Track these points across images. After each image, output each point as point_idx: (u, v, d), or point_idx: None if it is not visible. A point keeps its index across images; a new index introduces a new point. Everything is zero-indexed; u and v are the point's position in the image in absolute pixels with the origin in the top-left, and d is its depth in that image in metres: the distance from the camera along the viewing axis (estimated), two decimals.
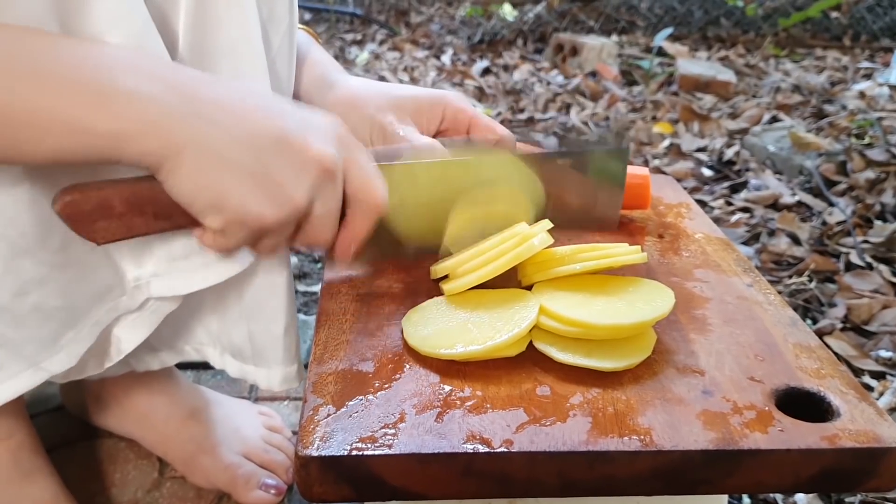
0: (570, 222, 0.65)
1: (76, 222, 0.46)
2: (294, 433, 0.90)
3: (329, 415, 0.44)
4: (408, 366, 0.49)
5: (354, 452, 0.41)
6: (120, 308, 0.58)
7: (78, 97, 0.41)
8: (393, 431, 0.43)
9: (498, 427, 0.43)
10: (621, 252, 0.55)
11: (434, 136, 0.69)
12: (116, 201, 0.46)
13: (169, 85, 0.44)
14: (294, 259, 1.34)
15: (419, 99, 0.68)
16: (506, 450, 0.42)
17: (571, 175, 0.66)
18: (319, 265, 1.36)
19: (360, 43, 3.29)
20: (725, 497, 0.57)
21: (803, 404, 0.46)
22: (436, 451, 0.41)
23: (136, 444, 0.86)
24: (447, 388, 0.47)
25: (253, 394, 0.98)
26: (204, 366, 1.01)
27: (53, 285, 0.53)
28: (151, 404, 0.83)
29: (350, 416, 0.44)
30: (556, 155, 0.65)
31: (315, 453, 0.41)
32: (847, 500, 0.85)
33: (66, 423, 0.89)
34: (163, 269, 0.58)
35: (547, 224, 0.57)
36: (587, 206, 0.68)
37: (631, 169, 0.71)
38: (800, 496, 0.86)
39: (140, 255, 0.57)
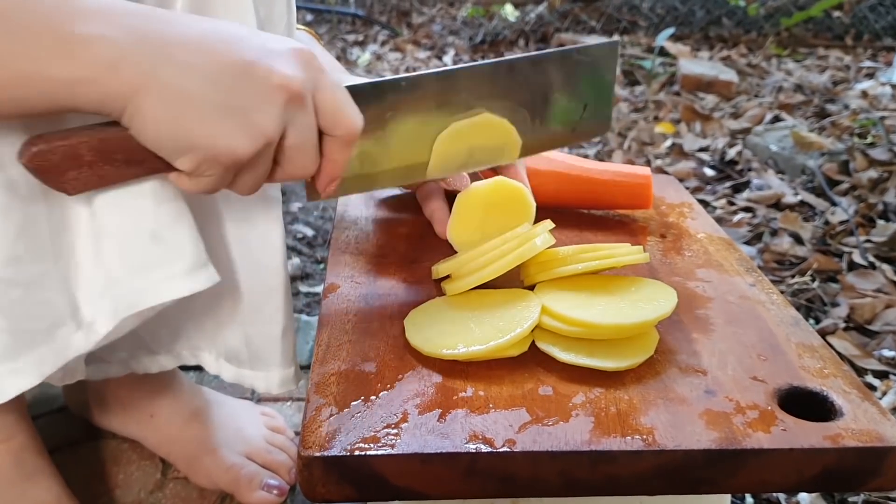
0: (562, 130, 0.64)
1: (45, 174, 0.44)
2: (297, 433, 0.90)
3: (332, 415, 0.44)
4: (410, 366, 0.49)
5: (357, 453, 0.41)
6: (73, 347, 0.53)
7: (32, 44, 0.40)
8: (395, 431, 0.43)
9: (500, 427, 0.43)
10: (624, 252, 0.55)
11: None
12: (84, 149, 0.44)
13: (124, 26, 0.42)
14: (296, 260, 1.34)
15: None
16: (508, 449, 0.42)
17: (560, 76, 0.63)
18: (322, 266, 1.36)
19: (361, 44, 3.30)
20: (728, 497, 0.56)
21: (806, 404, 0.46)
22: (439, 451, 0.41)
23: (138, 445, 0.86)
24: (450, 387, 0.47)
25: (255, 394, 0.98)
26: None
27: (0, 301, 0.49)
28: (154, 405, 0.83)
29: (353, 416, 0.44)
30: (541, 57, 0.62)
31: (318, 454, 0.41)
32: (850, 499, 0.85)
33: (69, 425, 0.89)
34: (127, 290, 0.53)
35: (549, 224, 0.57)
36: (579, 108, 0.65)
37: (633, 168, 0.71)
38: (803, 496, 0.86)
39: (99, 279, 0.53)
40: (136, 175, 0.47)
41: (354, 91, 0.52)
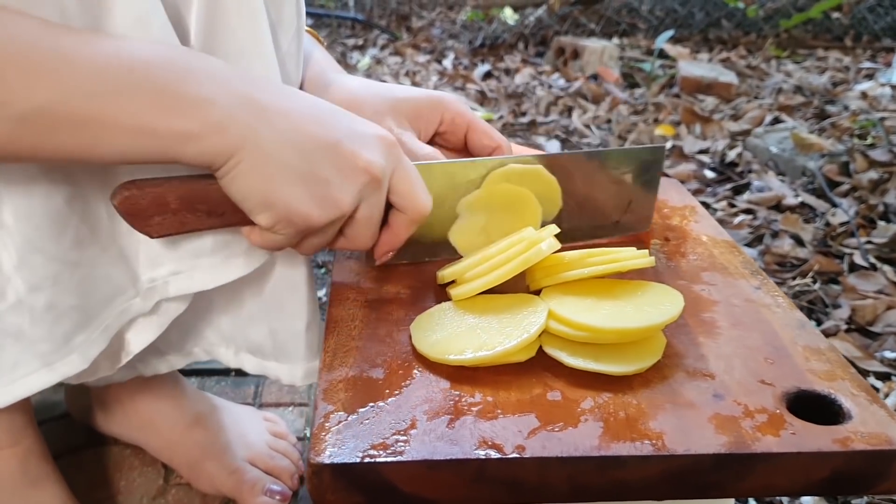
0: (604, 223, 0.67)
1: (132, 216, 0.49)
2: (299, 439, 0.90)
3: (340, 422, 0.44)
4: (418, 372, 0.49)
5: (366, 459, 0.41)
6: (132, 311, 0.58)
7: (145, 101, 0.43)
8: (404, 438, 0.43)
9: (509, 433, 0.43)
10: (629, 256, 0.55)
11: (431, 140, 0.69)
12: (171, 198, 0.49)
13: (232, 91, 0.46)
14: None
15: (418, 101, 0.68)
16: (518, 455, 0.41)
17: (601, 176, 0.65)
18: (323, 270, 1.36)
19: (361, 48, 3.30)
20: (732, 500, 0.56)
21: (814, 407, 0.46)
22: (448, 458, 0.41)
23: (141, 451, 0.86)
24: (458, 393, 0.47)
25: (257, 400, 0.98)
26: (208, 372, 1.02)
27: (67, 283, 0.53)
28: (157, 410, 0.83)
29: (361, 422, 0.44)
30: (586, 155, 0.65)
31: (327, 461, 0.41)
32: (853, 501, 0.85)
33: (72, 431, 0.89)
34: (186, 266, 0.58)
35: (554, 229, 0.57)
36: (618, 210, 0.68)
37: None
38: (805, 498, 0.86)
39: (156, 256, 0.58)
40: (214, 225, 0.51)
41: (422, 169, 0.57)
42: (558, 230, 0.57)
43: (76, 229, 0.53)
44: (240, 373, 1.02)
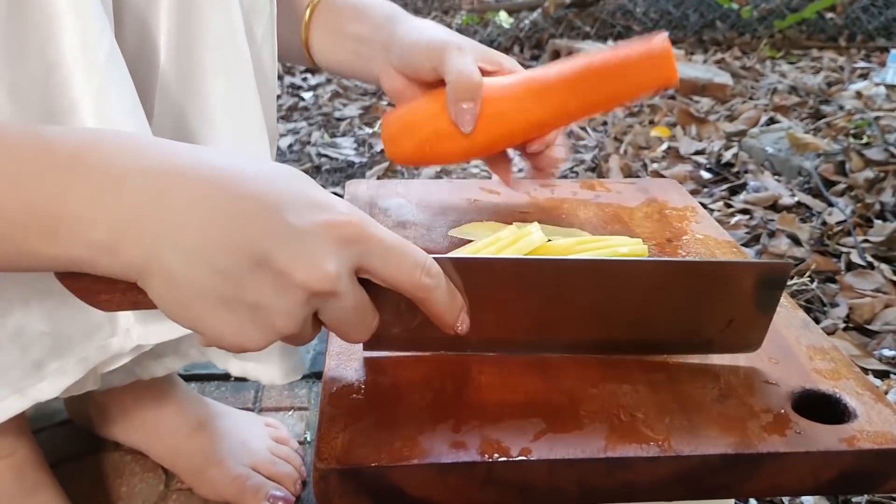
0: (696, 337, 0.51)
1: (80, 293, 0.43)
2: (300, 443, 0.90)
3: (346, 426, 0.44)
4: (423, 376, 0.49)
5: (373, 464, 0.41)
6: (111, 349, 0.57)
7: (21, 227, 0.36)
8: (411, 442, 0.42)
9: (516, 436, 0.43)
10: (621, 243, 0.55)
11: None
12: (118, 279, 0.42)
13: (121, 203, 0.37)
14: None
15: (413, 48, 0.67)
16: (525, 458, 0.41)
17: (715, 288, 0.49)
18: None
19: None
20: (732, 501, 0.57)
21: (819, 406, 0.46)
22: (455, 461, 0.41)
23: (141, 458, 0.86)
24: (463, 397, 0.46)
25: (257, 405, 0.97)
26: (208, 377, 1.01)
27: (37, 310, 0.52)
28: (159, 416, 0.82)
29: (367, 427, 0.44)
30: (702, 263, 0.52)
31: (334, 466, 0.41)
32: (854, 500, 0.85)
33: (72, 438, 0.88)
34: (151, 316, 0.56)
35: (537, 225, 0.57)
36: (722, 322, 0.50)
37: (644, 43, 0.63)
38: (806, 498, 0.86)
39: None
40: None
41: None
42: (539, 225, 0.57)
43: None
44: (239, 378, 1.02)
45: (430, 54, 0.66)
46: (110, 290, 0.42)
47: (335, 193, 1.60)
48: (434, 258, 0.44)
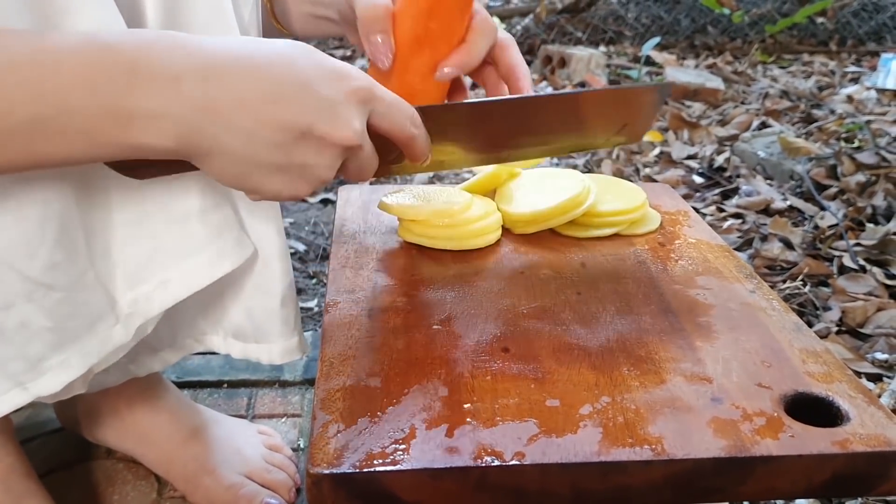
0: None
1: (119, 168, 0.48)
2: (294, 451, 0.89)
3: (339, 431, 0.44)
4: (416, 380, 0.49)
5: (366, 469, 0.41)
6: (114, 340, 0.57)
7: (100, 120, 0.42)
8: (404, 447, 0.42)
9: (509, 440, 0.43)
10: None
11: None
12: None
13: (185, 98, 0.43)
14: None
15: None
16: (518, 462, 0.41)
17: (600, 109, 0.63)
18: (314, 280, 1.36)
19: (349, 59, 3.30)
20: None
21: (812, 409, 0.47)
22: (448, 466, 0.41)
23: (134, 466, 0.85)
24: (456, 401, 0.46)
25: (250, 411, 0.97)
26: (200, 384, 1.01)
27: (40, 304, 0.52)
28: (153, 422, 0.82)
29: (360, 432, 0.44)
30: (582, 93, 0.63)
31: (327, 471, 0.41)
32: (848, 503, 0.85)
33: (63, 446, 0.88)
34: (174, 273, 0.57)
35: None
36: (609, 132, 0.66)
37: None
38: (801, 501, 0.86)
39: (137, 271, 0.57)
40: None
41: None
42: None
43: (50, 253, 0.51)
44: (232, 384, 1.01)
45: None
46: (157, 165, 0.48)
47: (328, 200, 1.58)
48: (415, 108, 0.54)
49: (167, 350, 0.72)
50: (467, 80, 0.69)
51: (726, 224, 1.52)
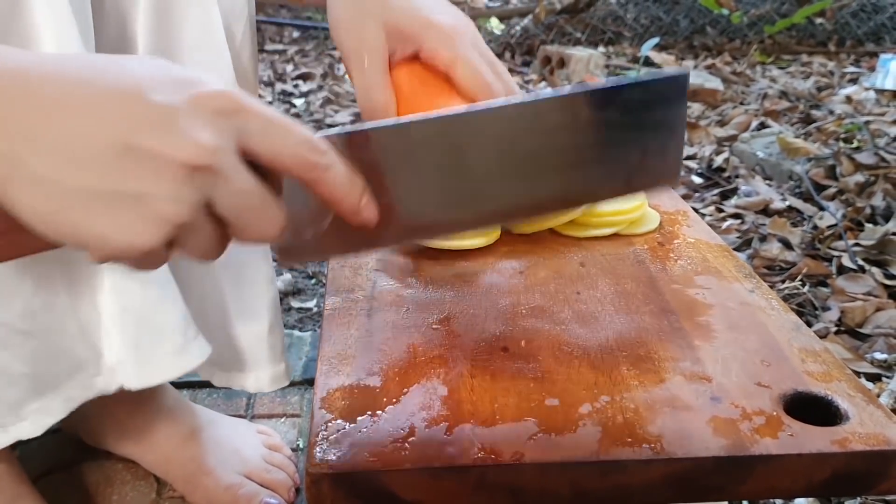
0: (615, 178, 0.48)
1: None
2: (293, 450, 0.89)
3: (339, 430, 0.43)
4: (415, 379, 0.49)
5: (365, 468, 0.41)
6: (95, 388, 0.57)
7: None
8: (403, 446, 0.42)
9: (508, 439, 0.43)
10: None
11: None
12: None
13: None
14: (287, 276, 1.33)
15: (401, 19, 0.56)
16: (517, 462, 0.41)
17: (613, 113, 0.46)
18: (313, 280, 1.36)
19: None
20: (725, 503, 0.57)
21: (811, 408, 0.46)
22: (447, 465, 0.41)
23: (133, 466, 0.85)
24: (455, 400, 0.46)
25: (249, 412, 0.97)
26: (199, 384, 1.01)
27: (18, 351, 0.52)
28: (150, 424, 0.82)
29: (359, 431, 0.44)
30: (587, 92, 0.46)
31: (326, 470, 0.41)
32: (847, 502, 0.85)
33: (62, 447, 0.88)
34: (145, 357, 0.57)
35: None
36: (636, 152, 0.47)
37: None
38: (800, 501, 0.86)
39: (117, 336, 0.57)
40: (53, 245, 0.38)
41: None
42: None
43: (26, 301, 0.51)
44: None
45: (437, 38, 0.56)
46: None
47: None
48: (322, 135, 0.39)
49: None
50: None
51: (725, 224, 1.52)
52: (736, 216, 1.56)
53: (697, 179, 1.78)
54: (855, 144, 1.82)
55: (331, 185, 0.39)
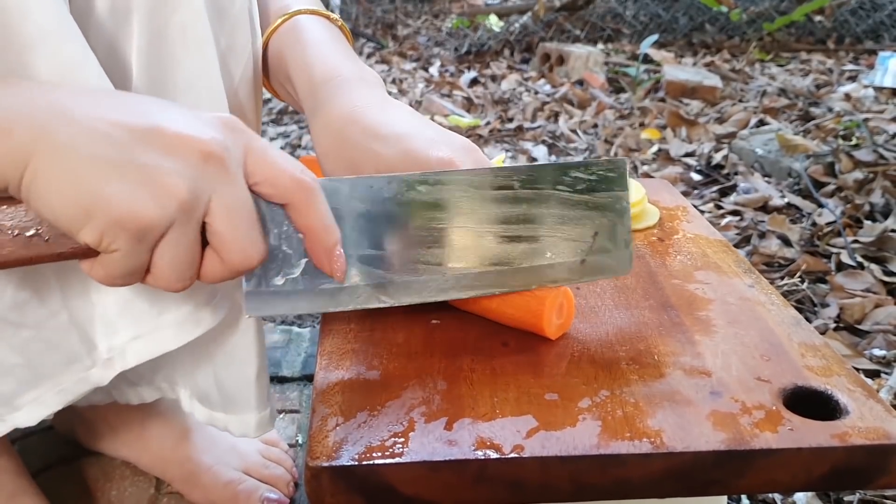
0: (568, 261, 0.52)
1: None
2: (291, 446, 0.89)
3: (338, 425, 0.43)
4: (414, 374, 0.49)
5: (365, 462, 0.41)
6: (91, 380, 0.57)
7: None
8: (403, 440, 0.42)
9: (508, 433, 0.43)
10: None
11: None
12: None
13: (11, 92, 0.38)
14: None
15: (393, 156, 0.52)
16: (517, 455, 0.41)
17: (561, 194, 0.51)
18: None
19: None
20: (724, 498, 0.56)
21: (811, 403, 0.46)
22: (447, 459, 0.41)
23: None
24: (455, 395, 0.46)
25: None
26: None
27: (9, 342, 0.53)
28: (145, 426, 0.82)
29: (359, 425, 0.43)
30: (535, 169, 0.51)
31: (326, 464, 0.40)
32: (846, 498, 0.85)
33: (61, 442, 0.88)
34: (146, 329, 0.56)
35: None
36: (587, 235, 0.52)
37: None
38: (799, 495, 0.86)
39: (112, 321, 0.56)
40: (51, 259, 0.41)
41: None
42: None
43: (14, 293, 0.51)
44: None
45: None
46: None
47: None
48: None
49: (145, 387, 0.72)
50: None
51: (724, 221, 1.52)
52: (735, 213, 1.57)
53: (696, 177, 1.78)
54: (854, 142, 1.82)
55: (314, 210, 0.43)
